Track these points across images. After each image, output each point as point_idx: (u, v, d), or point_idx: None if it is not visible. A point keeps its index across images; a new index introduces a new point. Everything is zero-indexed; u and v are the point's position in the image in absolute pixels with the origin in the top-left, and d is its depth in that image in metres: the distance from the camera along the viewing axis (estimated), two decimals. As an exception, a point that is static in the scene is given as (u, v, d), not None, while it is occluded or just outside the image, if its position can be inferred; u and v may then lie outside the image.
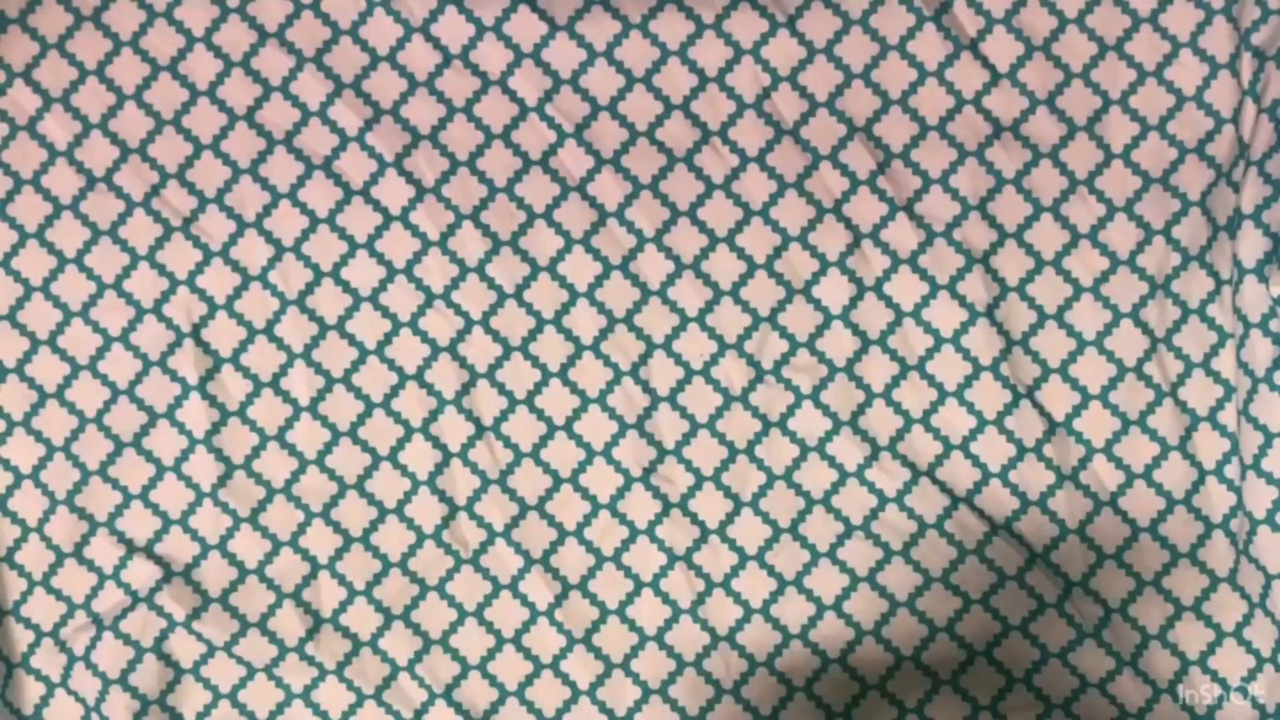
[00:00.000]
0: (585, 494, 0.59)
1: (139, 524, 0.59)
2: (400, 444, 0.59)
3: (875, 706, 0.59)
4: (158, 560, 0.59)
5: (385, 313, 0.59)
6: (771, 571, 0.59)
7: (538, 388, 0.59)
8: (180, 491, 0.59)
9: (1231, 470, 0.58)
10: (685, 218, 0.59)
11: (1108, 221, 0.59)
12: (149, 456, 0.59)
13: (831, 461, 0.59)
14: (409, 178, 0.59)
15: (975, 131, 0.59)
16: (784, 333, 0.59)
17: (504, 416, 0.59)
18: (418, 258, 0.59)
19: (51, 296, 0.59)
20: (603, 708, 0.59)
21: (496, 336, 0.59)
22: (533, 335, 0.59)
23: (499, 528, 0.59)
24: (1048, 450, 0.58)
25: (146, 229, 0.59)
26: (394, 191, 0.59)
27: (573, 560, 0.59)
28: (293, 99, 0.59)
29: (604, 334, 0.59)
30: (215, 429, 0.59)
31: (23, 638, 0.59)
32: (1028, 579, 0.58)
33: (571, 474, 0.59)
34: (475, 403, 0.59)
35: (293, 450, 0.59)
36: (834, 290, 0.59)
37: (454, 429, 0.59)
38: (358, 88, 0.59)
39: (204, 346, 0.59)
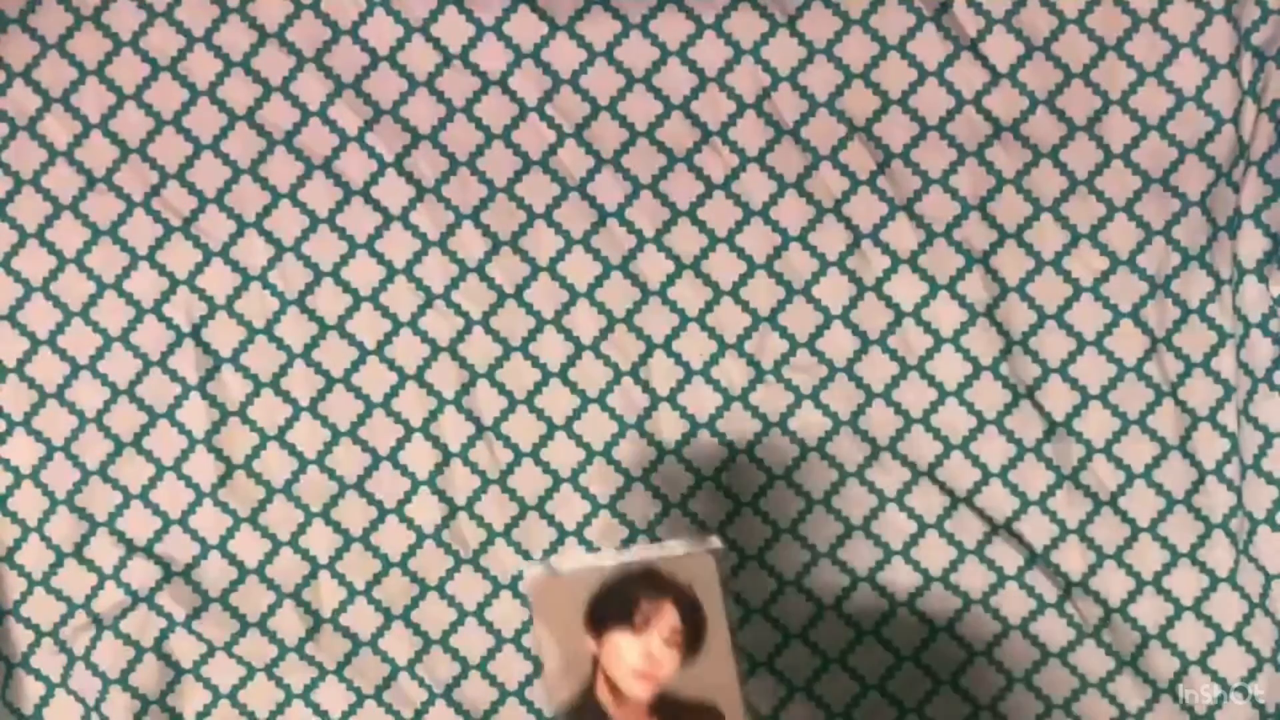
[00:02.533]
0: (585, 494, 0.59)
1: (139, 524, 0.59)
2: (400, 444, 0.59)
3: (875, 706, 0.59)
4: (158, 560, 0.59)
5: (385, 313, 0.59)
6: (771, 572, 0.59)
7: (538, 388, 0.59)
8: (180, 491, 0.59)
9: (1231, 470, 0.58)
10: (685, 218, 0.59)
11: (1108, 221, 0.59)
12: (149, 456, 0.59)
13: (831, 461, 0.59)
14: (409, 178, 0.59)
15: (975, 131, 0.59)
16: (784, 333, 0.59)
17: (504, 416, 0.59)
18: (418, 258, 0.59)
19: (51, 296, 0.59)
20: (603, 708, 0.59)
21: (496, 336, 0.59)
22: (533, 335, 0.59)
23: (499, 528, 0.59)
24: (1048, 450, 0.58)
25: (146, 229, 0.59)
26: (394, 191, 0.59)
27: (573, 560, 0.59)
28: (293, 99, 0.59)
29: (604, 334, 0.59)
30: (215, 429, 0.59)
31: (23, 638, 0.59)
32: (1028, 579, 0.58)
33: (571, 474, 0.59)
34: (475, 403, 0.59)
35: (293, 450, 0.59)
36: (834, 290, 0.59)
37: (454, 429, 0.59)
38: (358, 88, 0.59)
39: (204, 346, 0.59)
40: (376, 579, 0.59)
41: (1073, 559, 0.58)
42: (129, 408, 0.59)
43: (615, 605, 0.44)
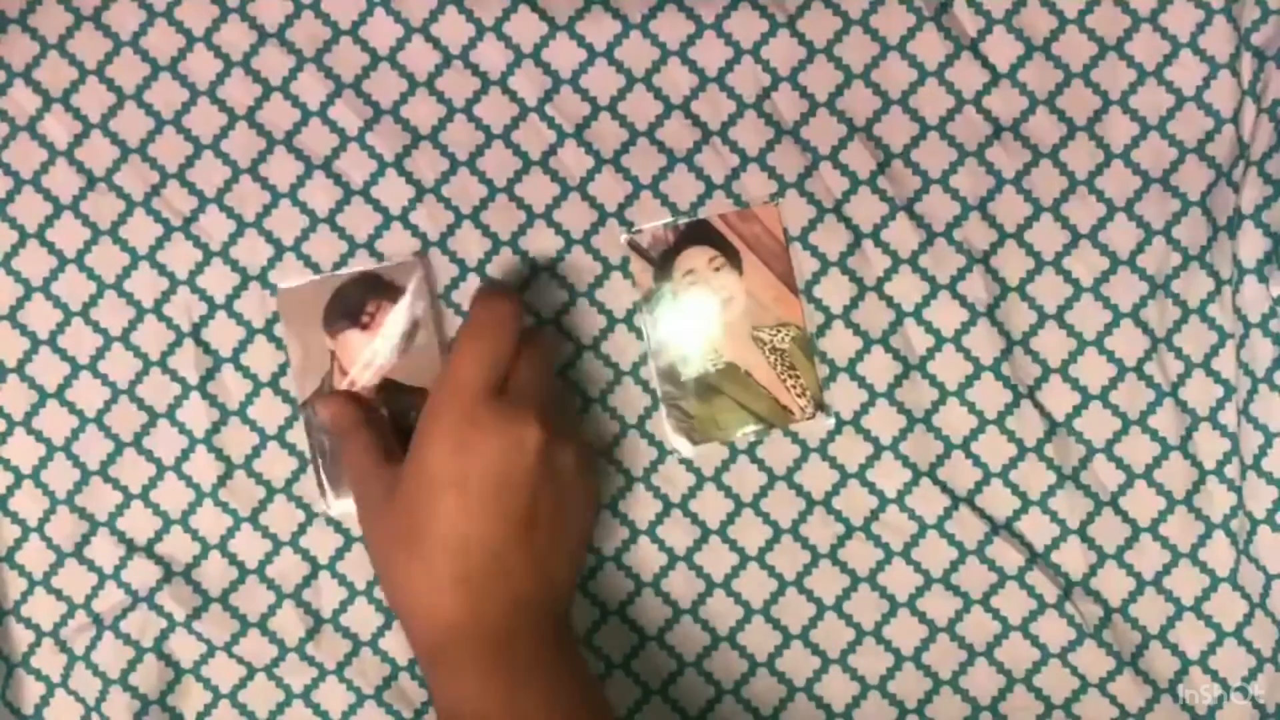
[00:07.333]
0: (586, 494, 0.59)
1: (139, 524, 0.59)
2: (400, 444, 0.59)
3: (875, 706, 0.59)
4: (158, 560, 0.59)
5: (385, 313, 0.59)
6: (772, 572, 0.59)
7: (538, 388, 0.59)
8: (180, 491, 0.59)
9: (1231, 470, 0.58)
10: (685, 218, 0.59)
11: (1108, 221, 0.59)
12: (149, 456, 0.59)
13: (833, 463, 0.59)
14: (409, 178, 0.59)
15: (975, 131, 0.59)
16: (784, 333, 0.59)
17: (504, 416, 0.59)
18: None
19: (51, 296, 0.59)
20: (603, 708, 0.59)
21: (497, 336, 0.59)
22: (533, 335, 0.59)
23: (499, 528, 0.59)
24: (1048, 450, 0.58)
25: (146, 229, 0.59)
26: (394, 191, 0.59)
27: (573, 560, 0.59)
28: (293, 99, 0.59)
29: (604, 334, 0.59)
30: (215, 429, 0.59)
31: (23, 638, 0.59)
32: (1028, 579, 0.58)
33: (572, 474, 0.59)
34: (475, 403, 0.59)
35: (292, 450, 0.59)
36: (834, 290, 0.59)
37: (454, 429, 0.59)
38: (358, 88, 0.59)
39: (204, 346, 0.59)
40: (377, 579, 0.59)
41: (1073, 559, 0.58)
42: (129, 408, 0.59)
43: (346, 307, 0.55)
